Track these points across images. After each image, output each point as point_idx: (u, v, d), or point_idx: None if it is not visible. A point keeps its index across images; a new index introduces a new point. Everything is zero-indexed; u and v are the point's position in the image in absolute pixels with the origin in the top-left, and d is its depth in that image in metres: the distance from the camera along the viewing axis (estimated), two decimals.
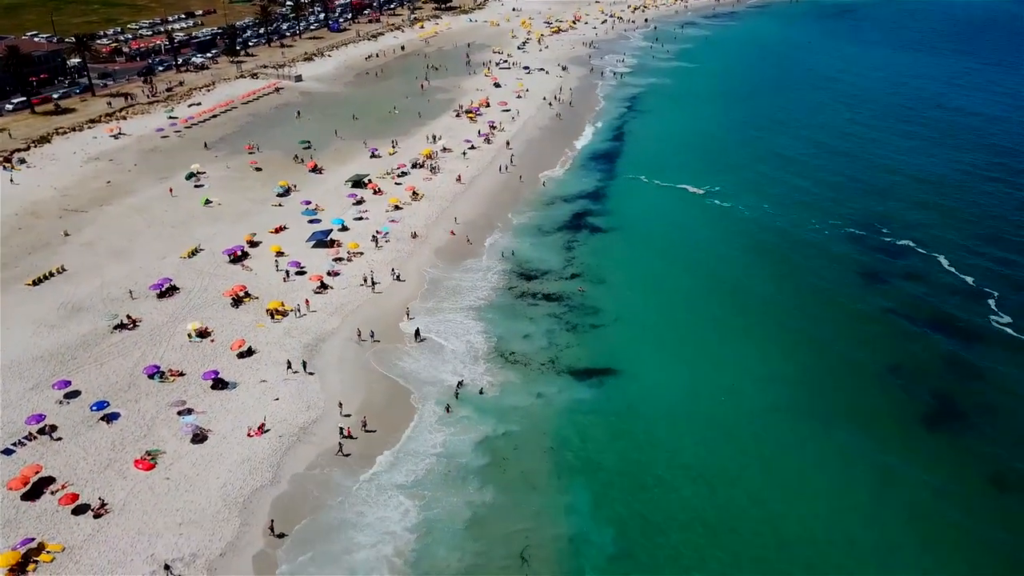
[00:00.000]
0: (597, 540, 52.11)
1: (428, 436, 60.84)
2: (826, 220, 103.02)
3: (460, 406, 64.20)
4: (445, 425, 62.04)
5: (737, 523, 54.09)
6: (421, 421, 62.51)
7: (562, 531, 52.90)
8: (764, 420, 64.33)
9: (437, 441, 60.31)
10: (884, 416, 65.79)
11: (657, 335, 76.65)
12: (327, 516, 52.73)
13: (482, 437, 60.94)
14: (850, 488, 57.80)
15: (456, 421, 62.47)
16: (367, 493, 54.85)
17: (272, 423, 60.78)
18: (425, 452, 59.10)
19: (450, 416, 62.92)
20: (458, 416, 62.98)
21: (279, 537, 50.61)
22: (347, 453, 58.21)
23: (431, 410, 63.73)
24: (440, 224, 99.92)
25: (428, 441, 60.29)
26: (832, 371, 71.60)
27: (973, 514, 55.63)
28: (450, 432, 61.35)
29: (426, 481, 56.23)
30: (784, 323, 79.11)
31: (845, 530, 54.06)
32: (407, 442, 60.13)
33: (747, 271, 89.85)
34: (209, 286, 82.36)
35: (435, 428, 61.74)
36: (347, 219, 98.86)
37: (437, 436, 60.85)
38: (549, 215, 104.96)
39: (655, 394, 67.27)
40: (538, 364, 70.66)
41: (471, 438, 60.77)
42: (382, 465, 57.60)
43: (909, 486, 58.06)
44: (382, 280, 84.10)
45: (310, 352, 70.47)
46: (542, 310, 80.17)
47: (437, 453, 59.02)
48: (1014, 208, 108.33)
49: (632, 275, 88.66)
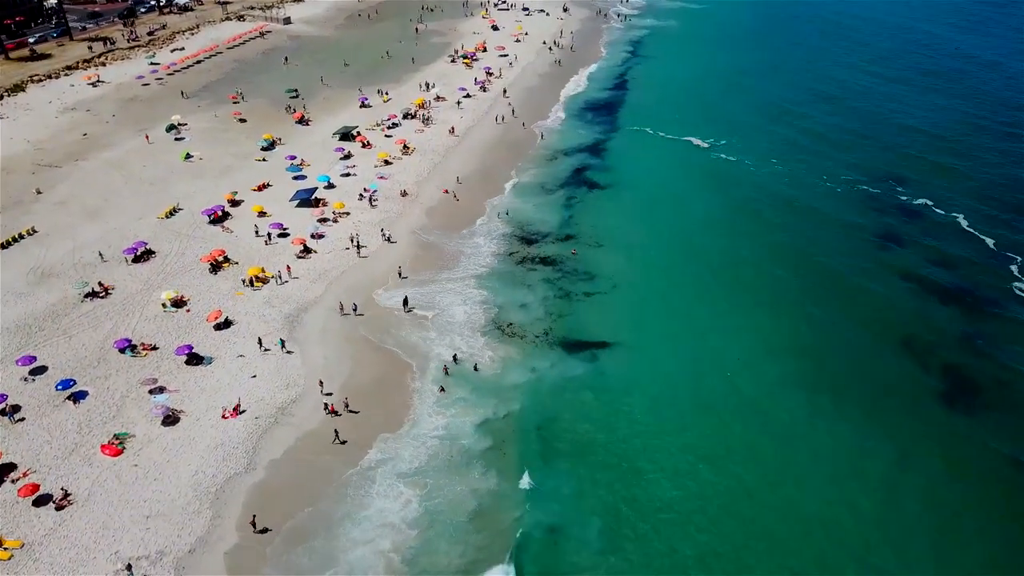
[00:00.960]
0: (584, 534, 49.08)
1: (420, 419, 57.18)
2: (838, 176, 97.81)
3: (453, 384, 60.52)
4: (440, 407, 58.23)
5: (744, 511, 50.91)
6: (411, 401, 58.86)
7: (555, 521, 49.79)
8: (771, 397, 60.71)
9: (434, 424, 56.57)
10: (898, 392, 62.02)
11: (659, 303, 72.53)
12: (313, 508, 49.39)
13: (479, 419, 57.24)
14: (862, 471, 54.42)
15: (449, 402, 58.74)
16: (355, 483, 51.47)
17: (248, 403, 57.20)
18: (420, 436, 55.47)
19: (445, 396, 59.27)
20: (452, 397, 59.26)
21: (261, 533, 47.31)
22: (343, 440, 54.46)
23: (422, 389, 60.03)
24: (432, 181, 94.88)
25: (421, 425, 56.59)
26: (845, 343, 67.65)
27: (990, 498, 52.50)
28: (441, 414, 57.62)
29: (421, 470, 52.66)
30: (794, 289, 74.89)
31: (858, 514, 50.92)
32: (395, 424, 56.55)
33: (755, 233, 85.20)
34: (187, 250, 78.01)
35: (427, 410, 58.05)
36: (333, 176, 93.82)
37: (430, 419, 57.13)
38: (548, 171, 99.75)
39: (657, 369, 63.46)
40: (534, 336, 66.69)
41: (467, 420, 57.06)
42: (367, 451, 54.13)
43: (924, 470, 54.71)
44: (369, 243, 79.67)
45: (291, 323, 66.57)
46: (539, 275, 75.90)
47: (432, 437, 55.39)
48: None
49: (633, 238, 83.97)
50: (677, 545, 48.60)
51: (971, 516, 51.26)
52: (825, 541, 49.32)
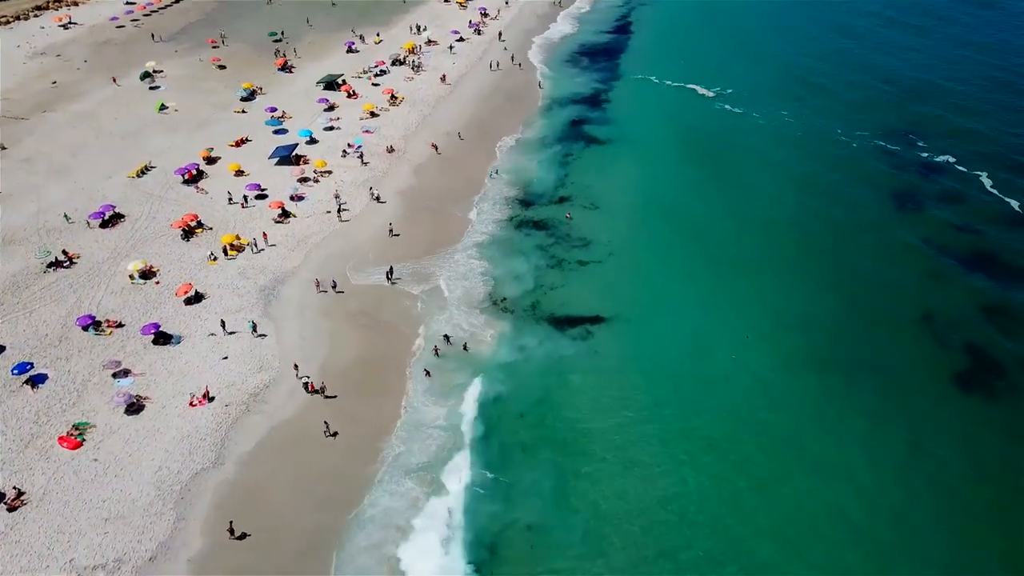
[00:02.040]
0: (566, 537, 45.65)
1: (400, 406, 53.36)
2: (853, 130, 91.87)
3: (440, 367, 56.52)
4: (425, 393, 54.33)
5: (748, 506, 47.34)
6: (393, 386, 54.97)
7: (535, 520, 46.39)
8: (779, 380, 56.52)
9: (417, 413, 52.80)
10: (914, 373, 57.82)
11: (658, 271, 67.93)
12: (287, 508, 45.95)
13: (464, 406, 53.42)
14: (875, 463, 50.46)
15: (435, 387, 54.84)
16: (327, 481, 47.99)
17: (218, 388, 53.35)
18: (401, 425, 51.91)
19: (431, 380, 55.42)
20: (438, 381, 55.37)
21: (239, 539, 43.79)
22: (334, 432, 50.66)
23: (406, 372, 56.11)
24: (420, 135, 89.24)
25: (401, 413, 52.93)
26: (858, 316, 63.15)
27: (1011, 493, 48.71)
28: (425, 400, 53.87)
29: (397, 464, 49.31)
30: (805, 256, 70.11)
31: (870, 510, 47.20)
32: (373, 413, 52.76)
33: (763, 193, 79.92)
34: (158, 213, 73.21)
35: (409, 396, 54.16)
36: (316, 130, 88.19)
37: (412, 407, 53.32)
38: (544, 123, 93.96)
39: (654, 347, 59.30)
40: (525, 311, 62.41)
41: (450, 408, 53.31)
42: (340, 443, 50.54)
43: (940, 461, 50.83)
44: (352, 205, 74.74)
45: (266, 297, 62.28)
46: (533, 241, 71.23)
47: (412, 427, 51.75)
48: None
49: (631, 198, 78.83)
50: (672, 548, 45.22)
51: (989, 512, 47.66)
52: (835, 540, 45.96)
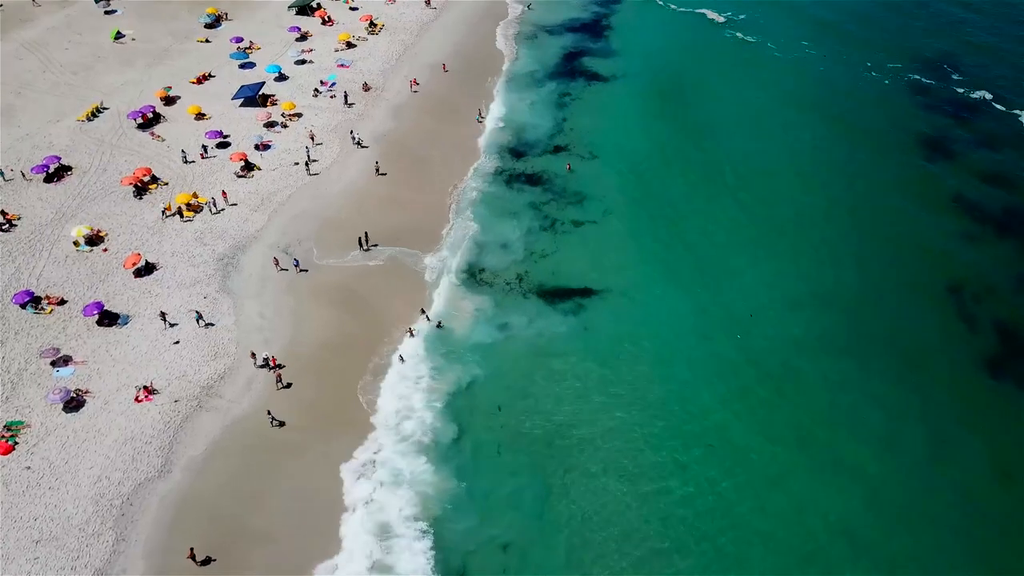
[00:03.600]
0: (547, 557, 41.22)
1: (369, 399, 48.19)
2: (883, 63, 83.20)
3: (416, 349, 51.20)
4: (398, 381, 49.25)
5: (757, 521, 42.83)
6: (363, 372, 49.71)
7: (510, 538, 41.94)
8: (788, 365, 51.17)
9: (389, 406, 47.70)
10: (938, 356, 52.27)
11: (658, 234, 61.83)
12: (240, 528, 41.51)
13: (438, 397, 48.31)
14: (893, 462, 45.72)
15: (409, 374, 49.70)
16: (275, 484, 43.35)
17: (167, 380, 48.09)
18: (370, 423, 46.97)
19: (404, 366, 50.17)
20: (412, 366, 50.15)
21: (203, 564, 39.32)
22: (280, 422, 45.90)
23: (378, 356, 50.74)
24: (401, 69, 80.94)
25: (370, 407, 47.84)
26: (876, 287, 57.26)
27: None
28: (398, 390, 48.68)
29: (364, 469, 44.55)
30: (821, 217, 63.60)
31: (884, 517, 42.86)
32: (338, 407, 47.69)
33: (777, 140, 72.46)
34: (109, 164, 66.29)
35: (380, 385, 49.00)
36: (286, 64, 79.90)
37: (384, 398, 48.23)
38: (539, 55, 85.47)
39: (651, 327, 53.71)
40: (511, 283, 56.61)
41: (424, 399, 48.20)
42: (295, 439, 45.52)
43: (963, 461, 45.96)
44: (323, 156, 67.65)
45: (225, 268, 56.26)
46: (526, 198, 64.96)
47: (382, 425, 46.70)
48: None
49: (632, 145, 71.77)
50: (668, 566, 40.97)
51: (1016, 519, 43.18)
52: (842, 555, 41.54)
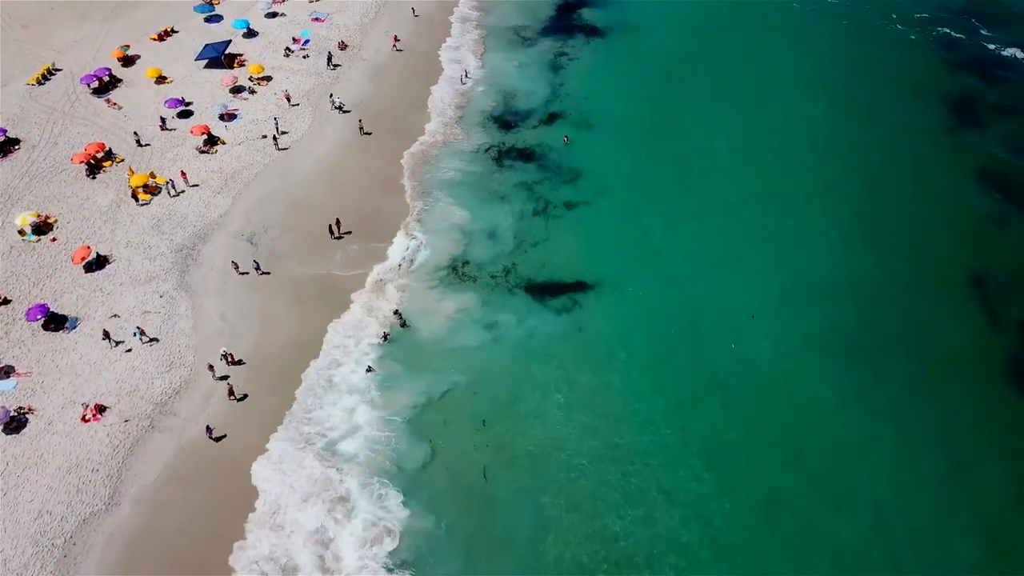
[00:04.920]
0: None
1: (324, 415, 43.97)
2: (910, 13, 76.32)
3: (388, 357, 46.96)
4: (366, 394, 45.05)
5: (760, 553, 39.39)
6: (328, 381, 45.61)
7: None
8: (790, 377, 46.65)
9: (351, 422, 43.62)
10: (959, 363, 47.62)
11: (655, 216, 56.64)
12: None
13: (408, 413, 44.13)
14: (906, 484, 41.95)
15: (379, 384, 45.42)
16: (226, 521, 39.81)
17: (117, 396, 44.15)
18: (328, 444, 42.86)
19: (374, 377, 45.94)
20: (384, 376, 45.87)
21: None
22: (218, 437, 42.25)
23: (344, 362, 46.54)
24: (380, 24, 74.18)
25: (326, 424, 43.53)
26: (892, 279, 52.36)
27: None
28: (364, 403, 44.60)
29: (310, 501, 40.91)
30: (835, 197, 58.32)
31: (896, 548, 39.44)
32: (301, 425, 43.82)
33: (792, 105, 66.36)
34: (60, 137, 60.86)
35: (344, 398, 44.86)
36: (255, 18, 73.18)
37: (345, 412, 44.13)
38: (533, 8, 78.14)
39: (648, 326, 49.26)
40: (495, 277, 51.85)
41: (392, 415, 44.13)
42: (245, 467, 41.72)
43: (984, 485, 42.25)
44: (293, 127, 61.99)
45: (184, 260, 51.57)
46: (516, 177, 59.49)
47: (342, 451, 42.59)
48: None
49: (633, 111, 65.93)
50: None
51: None
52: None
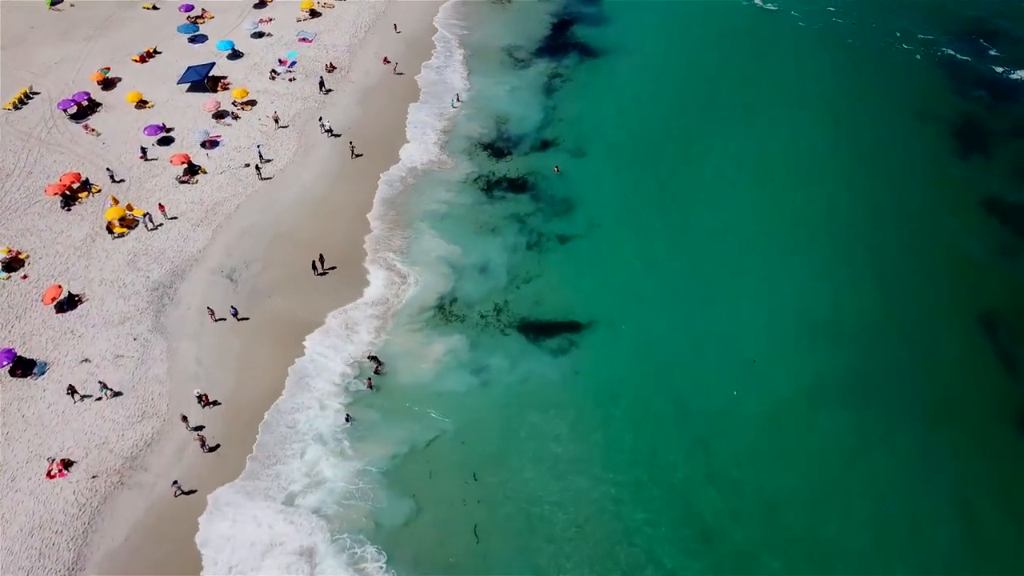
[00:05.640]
0: None
1: (291, 471, 41.54)
2: (915, 34, 73.92)
3: (366, 405, 44.73)
4: (339, 450, 42.47)
5: None
6: (301, 435, 43.36)
7: None
8: (793, 429, 44.21)
9: (325, 478, 41.30)
10: (969, 407, 45.45)
11: (655, 253, 54.38)
12: None
13: (386, 465, 41.85)
14: (915, 543, 39.80)
15: (356, 436, 43.04)
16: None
17: (85, 448, 41.93)
18: (299, 503, 40.61)
19: (350, 427, 43.66)
20: (361, 426, 43.59)
21: None
22: (189, 491, 40.02)
23: (321, 413, 44.17)
24: (371, 42, 72.09)
25: (301, 480, 41.12)
26: (899, 319, 49.96)
27: None
28: (340, 457, 42.15)
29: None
30: (840, 226, 55.99)
31: None
32: (274, 478, 41.62)
33: (795, 131, 63.95)
34: (36, 165, 58.69)
35: (320, 450, 42.46)
36: (240, 38, 71.01)
37: (320, 467, 41.71)
38: (522, 25, 76.21)
39: (648, 371, 46.99)
40: (484, 317, 49.60)
41: (368, 469, 41.85)
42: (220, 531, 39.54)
43: (997, 540, 40.07)
44: (277, 154, 59.83)
45: (159, 300, 49.33)
46: (506, 209, 57.19)
47: (312, 508, 40.11)
48: None
49: (629, 138, 63.52)
50: None
51: None
52: None
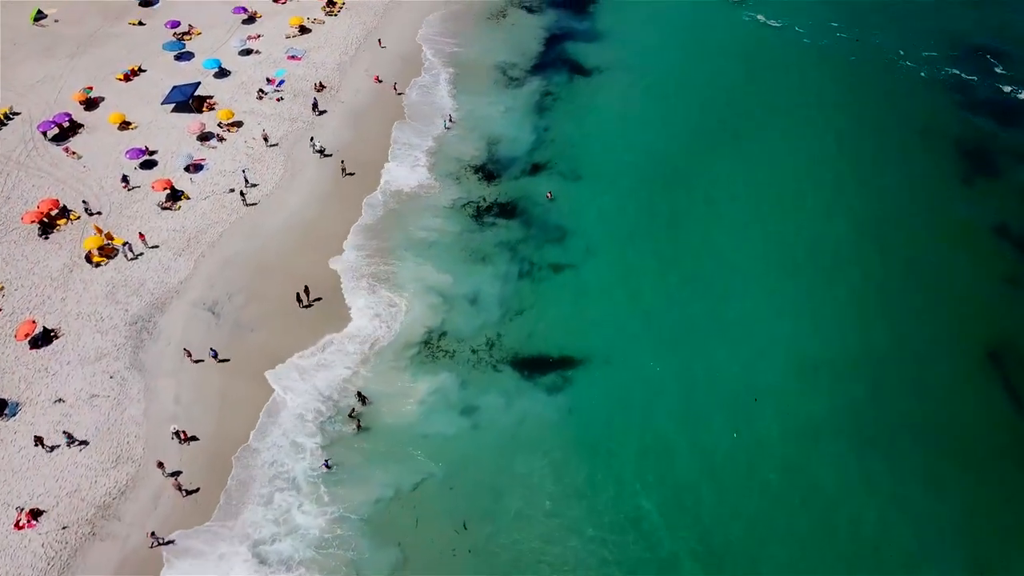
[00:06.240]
0: None
1: (259, 520, 39.84)
2: (919, 51, 72.08)
3: (348, 449, 42.96)
4: (315, 500, 40.68)
5: None
6: (280, 480, 41.61)
7: None
8: (796, 473, 42.58)
9: (303, 529, 39.60)
10: (978, 446, 43.99)
11: (652, 281, 52.70)
12: None
13: (365, 515, 40.17)
14: None
15: (335, 484, 41.24)
16: None
17: (56, 497, 40.11)
18: (272, 555, 39.00)
19: (331, 474, 41.85)
20: (341, 474, 41.80)
21: None
22: (166, 541, 38.28)
23: (301, 456, 42.46)
24: (362, 59, 70.22)
25: (270, 531, 39.48)
26: (905, 354, 48.28)
27: None
28: (317, 506, 40.44)
29: None
30: (842, 257, 54.21)
31: None
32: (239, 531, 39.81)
33: (796, 155, 62.13)
34: (13, 191, 56.82)
35: (298, 498, 40.70)
36: (227, 56, 69.12)
37: (296, 516, 40.03)
38: (515, 42, 74.28)
39: (643, 409, 45.30)
40: (475, 352, 47.79)
41: (348, 520, 40.22)
42: None
43: None
44: (263, 178, 58.01)
45: (138, 334, 47.47)
46: (497, 236, 55.23)
47: (292, 560, 38.67)
48: None
49: (624, 160, 61.75)
50: None
51: None
52: None
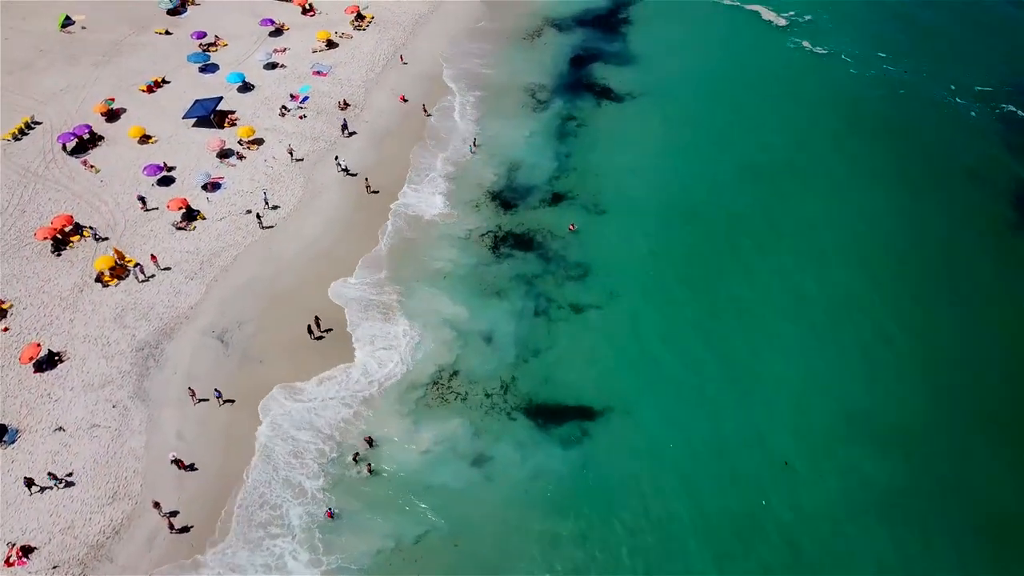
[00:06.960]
0: None
1: (264, 556, 38.42)
2: (970, 87, 68.67)
3: (352, 495, 41.19)
4: (315, 552, 39.01)
5: None
6: (278, 528, 40.02)
7: None
8: (833, 547, 40.10)
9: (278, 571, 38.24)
10: (1019, 526, 41.26)
11: (680, 327, 50.01)
12: None
13: (367, 562, 38.49)
14: None
15: (336, 538, 39.42)
16: None
17: (48, 533, 38.84)
18: None
19: (332, 524, 40.08)
20: (344, 524, 39.99)
21: None
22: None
23: (302, 504, 40.78)
24: (389, 76, 68.57)
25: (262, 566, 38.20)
26: (944, 422, 45.08)
27: None
28: (308, 551, 38.85)
29: None
30: (883, 312, 51.02)
31: None
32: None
33: (838, 198, 58.90)
34: (30, 204, 55.97)
35: (297, 550, 39.06)
36: (252, 70, 67.88)
37: (287, 558, 38.53)
38: (545, 64, 71.87)
39: (666, 470, 42.86)
40: (489, 397, 45.72)
41: (342, 562, 38.45)
42: None
43: None
44: (283, 199, 56.56)
45: (144, 362, 46.17)
46: (514, 268, 53.10)
47: None
48: None
49: (654, 196, 59.00)
50: None
51: None
52: None
